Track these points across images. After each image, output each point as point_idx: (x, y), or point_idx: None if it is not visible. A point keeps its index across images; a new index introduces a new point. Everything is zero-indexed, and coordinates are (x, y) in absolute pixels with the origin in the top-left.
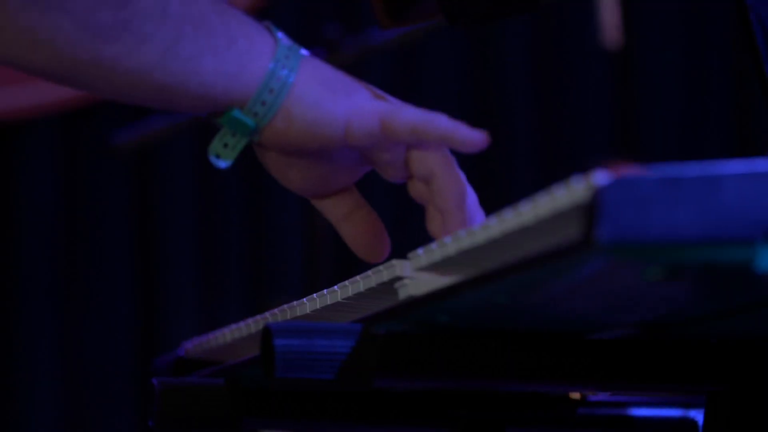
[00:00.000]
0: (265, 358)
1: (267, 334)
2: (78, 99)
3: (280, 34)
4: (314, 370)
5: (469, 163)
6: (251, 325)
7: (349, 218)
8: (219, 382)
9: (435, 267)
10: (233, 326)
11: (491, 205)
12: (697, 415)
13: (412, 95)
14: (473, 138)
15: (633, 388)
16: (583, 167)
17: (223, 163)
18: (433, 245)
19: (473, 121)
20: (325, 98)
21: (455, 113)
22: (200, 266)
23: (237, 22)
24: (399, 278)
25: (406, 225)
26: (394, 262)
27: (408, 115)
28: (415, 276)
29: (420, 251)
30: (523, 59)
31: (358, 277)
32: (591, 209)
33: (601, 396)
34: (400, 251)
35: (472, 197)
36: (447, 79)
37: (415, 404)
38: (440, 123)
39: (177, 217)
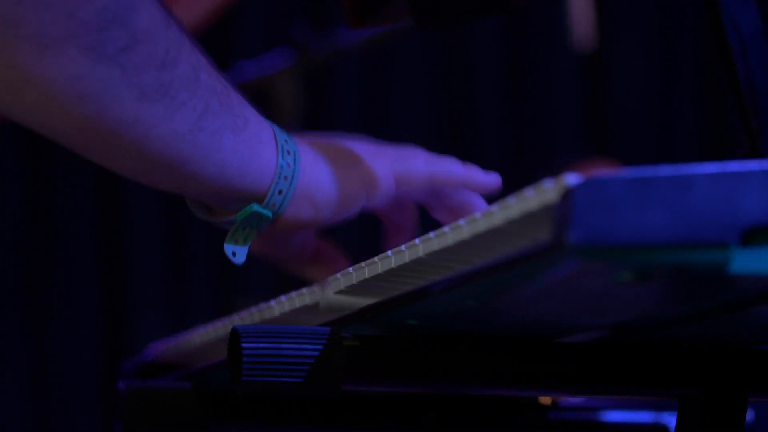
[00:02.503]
0: (232, 362)
1: (235, 337)
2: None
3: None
4: (282, 374)
5: None
6: (219, 327)
7: (312, 264)
8: (186, 386)
9: (407, 267)
10: (201, 329)
11: None
12: (670, 419)
13: (381, 97)
14: (489, 182)
15: (604, 392)
16: (554, 169)
17: (240, 259)
18: (402, 246)
19: (443, 123)
20: (338, 173)
21: (425, 115)
22: (167, 267)
23: (243, 101)
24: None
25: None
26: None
27: (421, 168)
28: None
29: (389, 252)
30: (493, 61)
31: (363, 264)
32: (561, 211)
33: (572, 400)
34: None
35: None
36: (417, 81)
37: (383, 408)
38: (456, 171)
39: (144, 216)
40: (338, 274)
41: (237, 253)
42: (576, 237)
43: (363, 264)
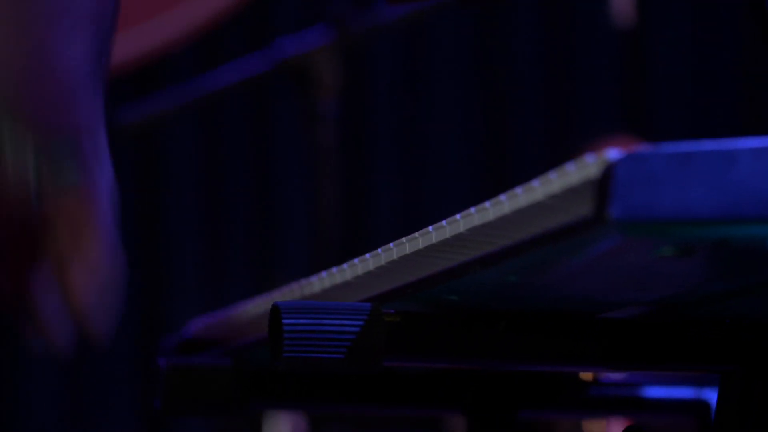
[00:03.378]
0: (273, 338)
1: (275, 313)
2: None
3: None
4: (323, 350)
5: (479, 142)
6: (259, 304)
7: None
8: (226, 363)
9: (448, 243)
10: (241, 305)
11: (502, 185)
12: (710, 396)
13: (419, 74)
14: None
15: (645, 367)
16: (593, 147)
17: None
18: (443, 222)
19: (482, 100)
20: None
21: (463, 92)
22: (205, 246)
23: None
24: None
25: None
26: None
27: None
28: None
29: (430, 228)
30: (532, 39)
31: (403, 239)
32: (603, 185)
33: (613, 376)
34: None
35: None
36: (455, 59)
37: (425, 385)
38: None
39: (182, 196)
40: (379, 249)
41: None
42: (617, 212)
43: (404, 239)
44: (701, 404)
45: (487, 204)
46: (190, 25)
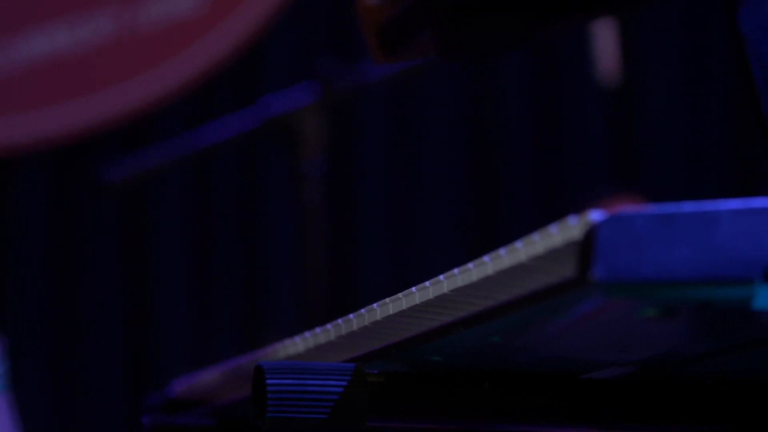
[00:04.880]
0: (257, 398)
1: (259, 373)
2: (70, 135)
3: None
4: (307, 410)
5: (467, 200)
6: (243, 364)
7: None
8: (210, 423)
9: (432, 304)
10: (225, 365)
11: (489, 243)
12: None
13: (407, 132)
14: None
15: (628, 428)
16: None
17: None
18: (427, 283)
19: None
20: None
21: (451, 151)
22: (193, 303)
23: None
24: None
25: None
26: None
27: None
28: None
29: (414, 289)
30: (520, 96)
31: (387, 300)
32: (586, 247)
33: None
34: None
35: None
36: (443, 116)
37: None
38: None
39: (169, 253)
40: (363, 310)
41: None
42: (600, 273)
43: (387, 300)
44: None
45: (470, 265)
46: (179, 81)
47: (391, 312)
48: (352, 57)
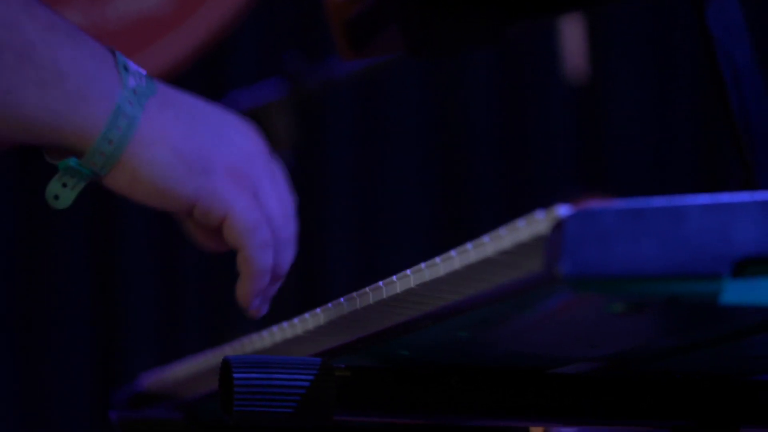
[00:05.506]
0: (224, 392)
1: (226, 367)
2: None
3: (129, 75)
4: (274, 404)
5: (435, 195)
6: (210, 358)
7: None
8: (178, 417)
9: (399, 298)
10: (192, 359)
11: (455, 239)
12: None
13: (374, 128)
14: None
15: (595, 423)
16: (548, 201)
17: (60, 205)
18: (394, 278)
19: (437, 154)
20: (178, 172)
21: (418, 146)
22: (161, 297)
23: (73, 56)
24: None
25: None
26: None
27: (242, 229)
28: None
29: (381, 283)
30: (486, 92)
31: (354, 294)
32: (553, 242)
33: (564, 430)
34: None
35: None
36: (410, 112)
37: None
38: (252, 265)
39: (137, 245)
40: (330, 304)
41: (61, 196)
42: (567, 268)
43: (355, 295)
44: None
45: (437, 260)
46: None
47: (358, 306)
48: (319, 53)
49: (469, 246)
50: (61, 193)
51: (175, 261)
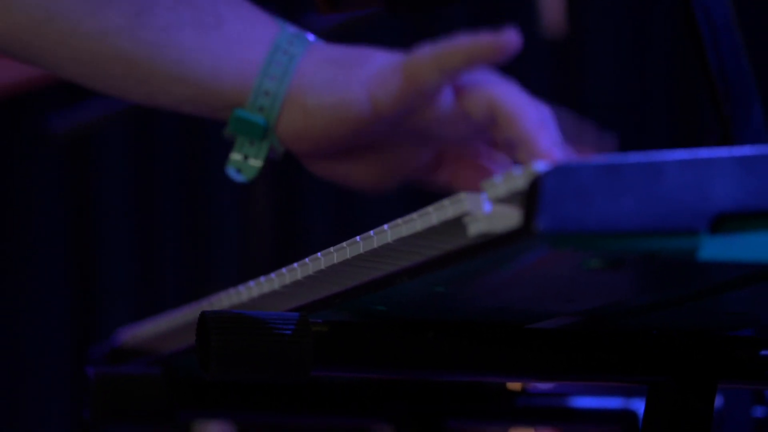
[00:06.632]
0: (201, 348)
1: (203, 322)
2: (12, 85)
3: (286, 24)
4: (251, 360)
5: None
6: (188, 313)
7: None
8: (156, 372)
9: (376, 253)
10: (170, 314)
11: (437, 194)
12: (638, 406)
13: None
14: (499, 42)
15: (572, 378)
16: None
17: (243, 177)
18: (371, 232)
19: None
20: (339, 76)
21: None
22: (137, 253)
23: (230, 4)
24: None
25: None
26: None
27: (424, 56)
28: None
29: (358, 238)
30: None
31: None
32: (530, 197)
33: (541, 386)
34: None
35: (543, 113)
36: None
37: (353, 395)
38: (458, 44)
39: (113, 204)
40: (307, 259)
41: (243, 170)
42: (545, 224)
43: (332, 249)
44: (629, 414)
45: (414, 215)
46: None
47: (335, 261)
48: (296, 8)
49: (446, 201)
50: (243, 166)
51: (152, 217)
